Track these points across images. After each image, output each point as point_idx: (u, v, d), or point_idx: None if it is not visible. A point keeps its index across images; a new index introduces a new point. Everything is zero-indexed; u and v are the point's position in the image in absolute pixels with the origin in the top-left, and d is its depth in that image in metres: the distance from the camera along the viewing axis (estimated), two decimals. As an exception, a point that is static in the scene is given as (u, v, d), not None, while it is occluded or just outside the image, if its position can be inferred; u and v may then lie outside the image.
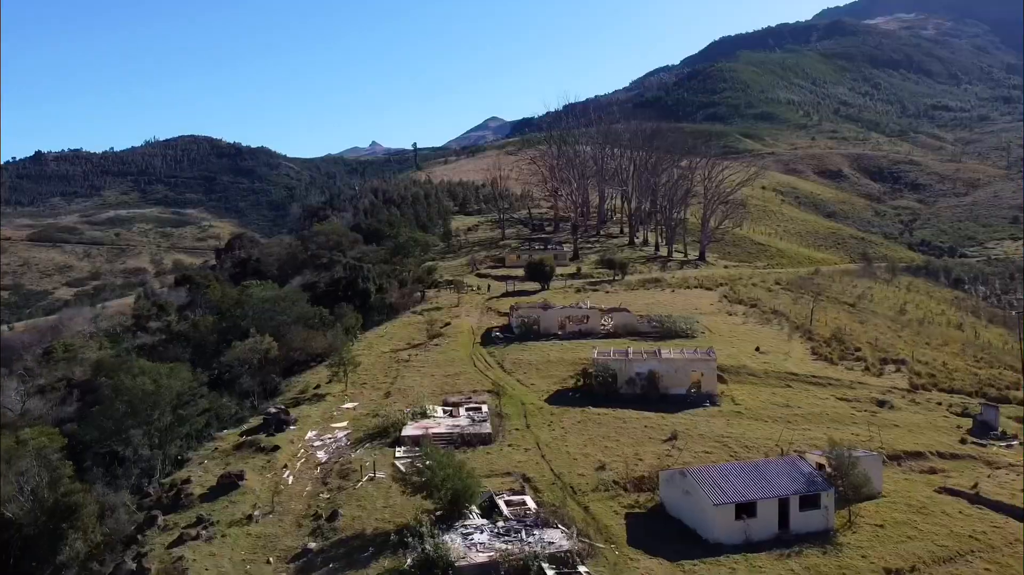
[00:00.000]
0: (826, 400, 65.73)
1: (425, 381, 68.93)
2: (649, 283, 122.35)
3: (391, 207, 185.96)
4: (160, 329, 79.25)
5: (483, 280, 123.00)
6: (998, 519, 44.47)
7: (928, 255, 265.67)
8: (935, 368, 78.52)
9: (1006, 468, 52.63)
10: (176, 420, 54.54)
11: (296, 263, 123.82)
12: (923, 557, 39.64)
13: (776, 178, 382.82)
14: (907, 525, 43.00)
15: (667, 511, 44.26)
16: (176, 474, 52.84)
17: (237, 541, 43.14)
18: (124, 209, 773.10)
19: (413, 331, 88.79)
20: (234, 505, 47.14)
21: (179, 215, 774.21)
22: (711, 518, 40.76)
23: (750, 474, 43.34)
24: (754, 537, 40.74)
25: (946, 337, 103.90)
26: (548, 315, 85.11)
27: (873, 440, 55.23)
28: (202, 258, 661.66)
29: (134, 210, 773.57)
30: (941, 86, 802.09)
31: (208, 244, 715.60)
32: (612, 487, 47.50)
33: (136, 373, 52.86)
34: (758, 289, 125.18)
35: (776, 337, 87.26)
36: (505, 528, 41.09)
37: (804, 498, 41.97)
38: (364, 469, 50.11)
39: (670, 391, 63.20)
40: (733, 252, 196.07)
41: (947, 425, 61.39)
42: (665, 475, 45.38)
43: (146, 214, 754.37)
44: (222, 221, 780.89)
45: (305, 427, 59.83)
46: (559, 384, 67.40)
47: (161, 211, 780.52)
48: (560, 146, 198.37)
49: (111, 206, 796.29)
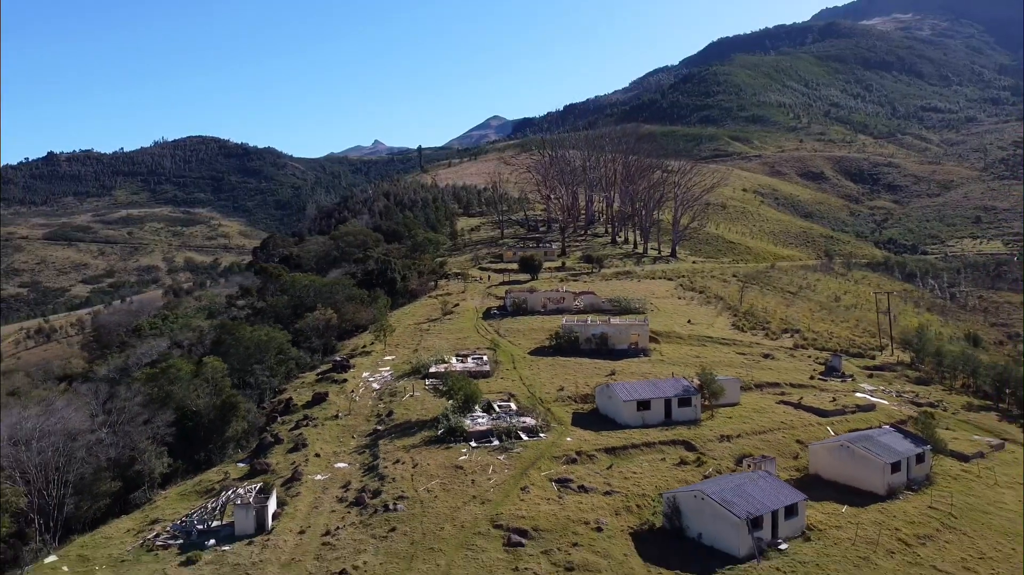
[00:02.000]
0: (728, 354, 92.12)
1: (442, 342, 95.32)
2: (621, 275, 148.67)
3: (404, 211, 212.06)
4: (247, 305, 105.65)
5: (484, 272, 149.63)
6: (806, 416, 70.98)
7: (891, 252, 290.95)
8: (820, 335, 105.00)
9: (831, 392, 79.03)
10: (277, 362, 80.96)
11: (330, 259, 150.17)
12: (746, 430, 66.05)
13: (759, 180, 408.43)
14: (746, 417, 69.42)
15: (599, 411, 70.48)
16: (280, 396, 79.42)
17: (331, 428, 69.53)
18: (135, 208, 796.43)
19: (430, 310, 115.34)
20: (324, 410, 73.60)
21: (189, 214, 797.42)
22: (622, 410, 67.04)
23: (649, 386, 69.77)
24: (649, 422, 66.98)
25: (853, 317, 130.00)
26: (533, 297, 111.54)
27: (747, 376, 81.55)
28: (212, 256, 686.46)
29: (145, 209, 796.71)
30: (932, 87, 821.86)
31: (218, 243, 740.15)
32: (567, 400, 73.81)
33: (252, 331, 79.30)
34: (714, 280, 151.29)
35: (708, 314, 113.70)
36: (497, 415, 67.48)
37: (681, 399, 68.32)
38: (405, 390, 76.57)
39: (615, 347, 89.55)
40: (704, 249, 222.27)
41: (807, 369, 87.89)
42: (598, 388, 71.73)
43: (157, 213, 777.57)
44: (230, 220, 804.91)
45: (360, 370, 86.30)
46: (538, 343, 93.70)
47: (171, 210, 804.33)
48: (552, 156, 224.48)
49: (122, 205, 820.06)
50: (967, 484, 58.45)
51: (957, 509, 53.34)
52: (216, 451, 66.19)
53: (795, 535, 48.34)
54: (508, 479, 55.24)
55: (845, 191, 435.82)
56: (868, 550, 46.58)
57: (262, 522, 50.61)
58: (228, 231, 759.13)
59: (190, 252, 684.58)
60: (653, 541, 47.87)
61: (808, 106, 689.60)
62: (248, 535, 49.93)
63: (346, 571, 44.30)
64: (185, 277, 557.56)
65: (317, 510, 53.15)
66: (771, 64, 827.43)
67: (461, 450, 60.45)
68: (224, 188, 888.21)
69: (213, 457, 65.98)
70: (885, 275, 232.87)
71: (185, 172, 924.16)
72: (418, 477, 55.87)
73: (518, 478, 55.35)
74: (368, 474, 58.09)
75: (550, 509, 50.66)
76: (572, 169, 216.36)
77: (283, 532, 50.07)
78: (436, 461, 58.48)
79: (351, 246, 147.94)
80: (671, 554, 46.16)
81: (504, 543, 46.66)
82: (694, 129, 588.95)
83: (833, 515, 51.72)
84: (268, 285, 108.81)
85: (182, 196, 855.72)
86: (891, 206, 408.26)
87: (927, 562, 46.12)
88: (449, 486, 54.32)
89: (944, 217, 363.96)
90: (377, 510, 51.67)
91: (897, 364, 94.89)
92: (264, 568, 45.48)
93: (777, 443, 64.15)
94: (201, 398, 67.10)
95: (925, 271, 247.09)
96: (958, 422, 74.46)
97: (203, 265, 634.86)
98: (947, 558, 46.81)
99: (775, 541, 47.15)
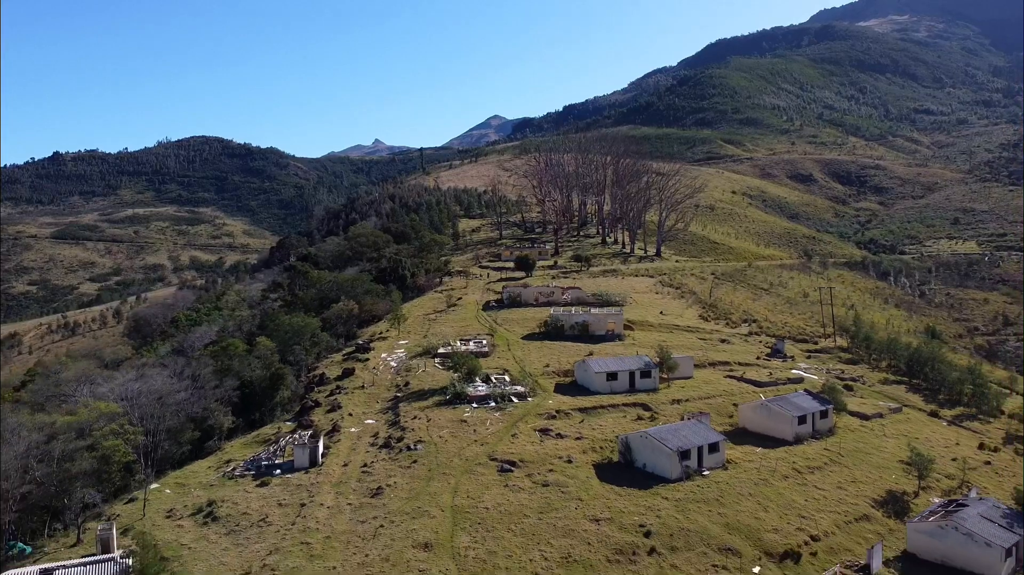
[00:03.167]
0: (691, 339, 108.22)
1: (448, 329, 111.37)
2: (607, 273, 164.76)
3: (410, 213, 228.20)
4: (279, 298, 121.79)
5: (484, 270, 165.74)
6: (745, 387, 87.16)
7: (871, 253, 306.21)
8: (775, 324, 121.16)
9: (770, 369, 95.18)
10: (311, 344, 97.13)
11: (344, 258, 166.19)
12: (694, 396, 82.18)
13: (748, 182, 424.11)
14: (696, 387, 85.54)
15: (576, 382, 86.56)
16: (314, 371, 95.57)
17: (359, 395, 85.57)
18: (141, 208, 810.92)
19: (436, 303, 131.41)
20: (352, 382, 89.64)
21: (193, 214, 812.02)
22: (594, 380, 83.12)
23: (617, 361, 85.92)
24: (616, 390, 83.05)
25: (811, 310, 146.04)
26: (527, 292, 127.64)
27: (703, 356, 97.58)
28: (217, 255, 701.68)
29: (150, 208, 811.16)
30: (925, 89, 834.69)
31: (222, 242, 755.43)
32: (551, 374, 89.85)
33: (290, 318, 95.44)
34: (692, 278, 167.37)
35: (680, 306, 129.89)
36: (494, 385, 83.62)
37: (642, 372, 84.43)
38: (418, 366, 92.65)
39: (595, 333, 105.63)
40: (689, 249, 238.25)
41: (756, 351, 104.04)
42: (576, 364, 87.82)
43: (162, 213, 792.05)
44: (234, 220, 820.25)
45: (379, 351, 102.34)
46: (530, 330, 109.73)
47: (176, 210, 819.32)
48: (547, 161, 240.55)
49: (128, 204, 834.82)
50: (861, 435, 74.60)
51: (846, 451, 69.52)
52: (267, 412, 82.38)
53: (717, 466, 64.41)
54: (501, 429, 71.36)
55: (833, 193, 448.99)
56: (768, 475, 62.73)
57: (314, 458, 66.69)
58: (232, 230, 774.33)
59: (195, 251, 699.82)
60: (610, 470, 63.92)
61: (802, 108, 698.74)
62: (304, 468, 65.99)
63: (382, 488, 60.45)
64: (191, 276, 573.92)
65: (355, 451, 69.24)
66: (767, 67, 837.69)
67: (465, 409, 76.59)
68: (228, 188, 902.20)
69: (265, 417, 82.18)
70: (860, 274, 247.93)
71: (189, 172, 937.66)
72: (432, 428, 71.98)
73: (509, 428, 71.49)
74: (392, 427, 74.19)
75: (533, 449, 66.79)
76: (566, 174, 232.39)
77: (331, 465, 66.17)
78: (445, 417, 74.61)
79: (364, 246, 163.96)
80: (622, 477, 62.20)
81: (498, 470, 62.77)
82: (689, 132, 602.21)
83: (749, 454, 67.85)
84: (296, 280, 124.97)
85: (186, 196, 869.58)
86: (876, 207, 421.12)
87: (811, 484, 62.29)
88: (456, 434, 70.43)
89: (924, 218, 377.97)
90: (401, 450, 67.79)
91: (835, 348, 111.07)
92: (320, 487, 61.58)
93: (718, 406, 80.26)
94: (255, 370, 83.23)
95: (899, 270, 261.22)
96: (872, 392, 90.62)
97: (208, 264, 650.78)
98: (827, 482, 62.98)
99: (700, 469, 63.22)
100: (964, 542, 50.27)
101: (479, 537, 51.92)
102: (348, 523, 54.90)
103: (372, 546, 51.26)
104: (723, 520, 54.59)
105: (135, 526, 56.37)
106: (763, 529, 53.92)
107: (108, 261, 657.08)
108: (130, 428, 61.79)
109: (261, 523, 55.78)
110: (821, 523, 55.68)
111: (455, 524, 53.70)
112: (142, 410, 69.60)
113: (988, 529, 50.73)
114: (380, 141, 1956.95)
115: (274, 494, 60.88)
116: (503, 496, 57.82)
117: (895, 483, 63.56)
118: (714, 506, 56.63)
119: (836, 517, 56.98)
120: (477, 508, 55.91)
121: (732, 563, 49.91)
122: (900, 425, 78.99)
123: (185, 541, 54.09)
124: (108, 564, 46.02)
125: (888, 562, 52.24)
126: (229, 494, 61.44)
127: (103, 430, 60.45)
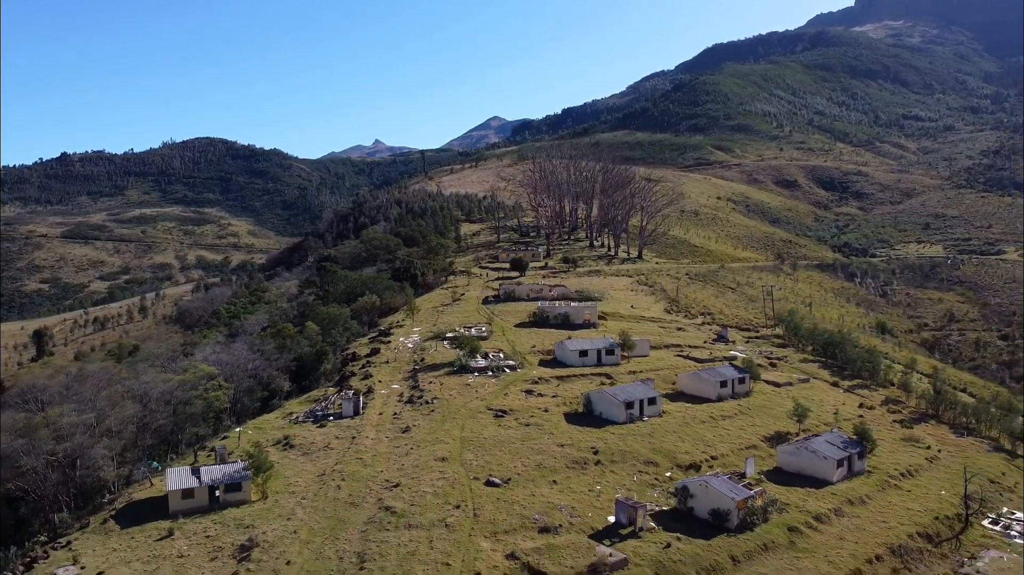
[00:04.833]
0: (652, 327, 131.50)
1: (453, 319, 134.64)
2: (592, 273, 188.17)
3: (416, 218, 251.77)
4: (312, 292, 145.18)
5: (483, 270, 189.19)
6: (689, 363, 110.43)
7: (844, 255, 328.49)
8: (727, 317, 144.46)
9: (712, 350, 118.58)
10: (343, 329, 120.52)
11: (360, 259, 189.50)
12: (647, 368, 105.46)
13: (734, 188, 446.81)
14: (650, 363, 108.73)
15: (556, 359, 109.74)
16: (346, 351, 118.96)
17: (385, 368, 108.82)
18: (147, 208, 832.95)
19: (443, 298, 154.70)
20: (379, 358, 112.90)
21: (199, 214, 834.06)
22: (570, 356, 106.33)
23: (588, 342, 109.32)
24: (586, 364, 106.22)
25: (764, 305, 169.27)
26: (520, 289, 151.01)
27: (660, 340, 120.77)
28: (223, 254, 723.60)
29: (157, 209, 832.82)
30: (915, 96, 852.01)
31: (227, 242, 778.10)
32: (537, 353, 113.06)
33: (326, 309, 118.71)
34: (667, 278, 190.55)
35: (649, 302, 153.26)
36: (491, 360, 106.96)
37: (607, 350, 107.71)
38: (431, 347, 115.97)
39: (574, 322, 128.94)
40: (669, 252, 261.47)
41: (705, 337, 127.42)
42: (556, 344, 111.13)
43: (168, 213, 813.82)
44: (239, 220, 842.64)
45: (398, 336, 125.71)
46: (521, 320, 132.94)
47: (182, 210, 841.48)
48: (541, 170, 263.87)
49: (135, 205, 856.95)
50: (770, 397, 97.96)
51: (754, 407, 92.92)
52: (314, 380, 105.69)
53: (654, 415, 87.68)
54: (496, 390, 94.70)
55: (816, 198, 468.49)
56: (690, 420, 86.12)
57: (357, 409, 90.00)
58: (237, 230, 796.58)
59: (201, 251, 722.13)
60: (575, 417, 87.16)
61: (792, 115, 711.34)
62: (350, 416, 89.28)
63: (409, 427, 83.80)
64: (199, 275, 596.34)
65: (386, 405, 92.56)
66: (760, 73, 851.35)
67: (469, 377, 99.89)
68: (232, 188, 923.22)
69: (312, 384, 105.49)
70: (830, 275, 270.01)
71: (194, 173, 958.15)
72: (444, 389, 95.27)
73: (502, 389, 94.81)
74: (413, 389, 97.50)
75: (520, 402, 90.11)
76: (558, 182, 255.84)
77: (370, 414, 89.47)
78: (454, 382, 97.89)
79: (377, 249, 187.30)
80: (584, 421, 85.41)
81: (493, 415, 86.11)
82: (681, 138, 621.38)
83: (681, 408, 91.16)
84: (325, 278, 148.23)
85: (192, 196, 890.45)
86: (856, 212, 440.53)
87: (721, 427, 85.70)
88: (462, 393, 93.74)
89: (898, 223, 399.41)
90: (421, 404, 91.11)
91: (772, 335, 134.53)
92: (364, 428, 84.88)
93: (664, 376, 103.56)
94: (304, 347, 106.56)
95: (865, 271, 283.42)
96: (792, 368, 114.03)
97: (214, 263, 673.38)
98: (733, 425, 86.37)
99: (641, 416, 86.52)
100: (811, 457, 73.60)
101: (479, 454, 75.27)
102: (388, 447, 78.31)
103: (406, 460, 74.60)
104: (651, 446, 77.99)
105: (234, 451, 79.72)
106: (678, 452, 77.34)
107: (117, 260, 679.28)
108: (224, 384, 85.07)
109: (325, 448, 79.15)
110: (720, 449, 79.15)
111: (463, 447, 77.05)
112: (226, 373, 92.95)
113: (828, 449, 74.07)
114: (380, 141, 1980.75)
115: (331, 432, 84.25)
116: (497, 431, 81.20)
117: (782, 427, 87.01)
118: (646, 438, 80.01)
119: (732, 446, 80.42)
120: (478, 438, 79.26)
121: (652, 471, 73.31)
122: (804, 391, 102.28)
123: (273, 459, 77.39)
124: (233, 464, 69.35)
125: (763, 472, 75.59)
126: (298, 432, 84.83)
127: (207, 385, 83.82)
